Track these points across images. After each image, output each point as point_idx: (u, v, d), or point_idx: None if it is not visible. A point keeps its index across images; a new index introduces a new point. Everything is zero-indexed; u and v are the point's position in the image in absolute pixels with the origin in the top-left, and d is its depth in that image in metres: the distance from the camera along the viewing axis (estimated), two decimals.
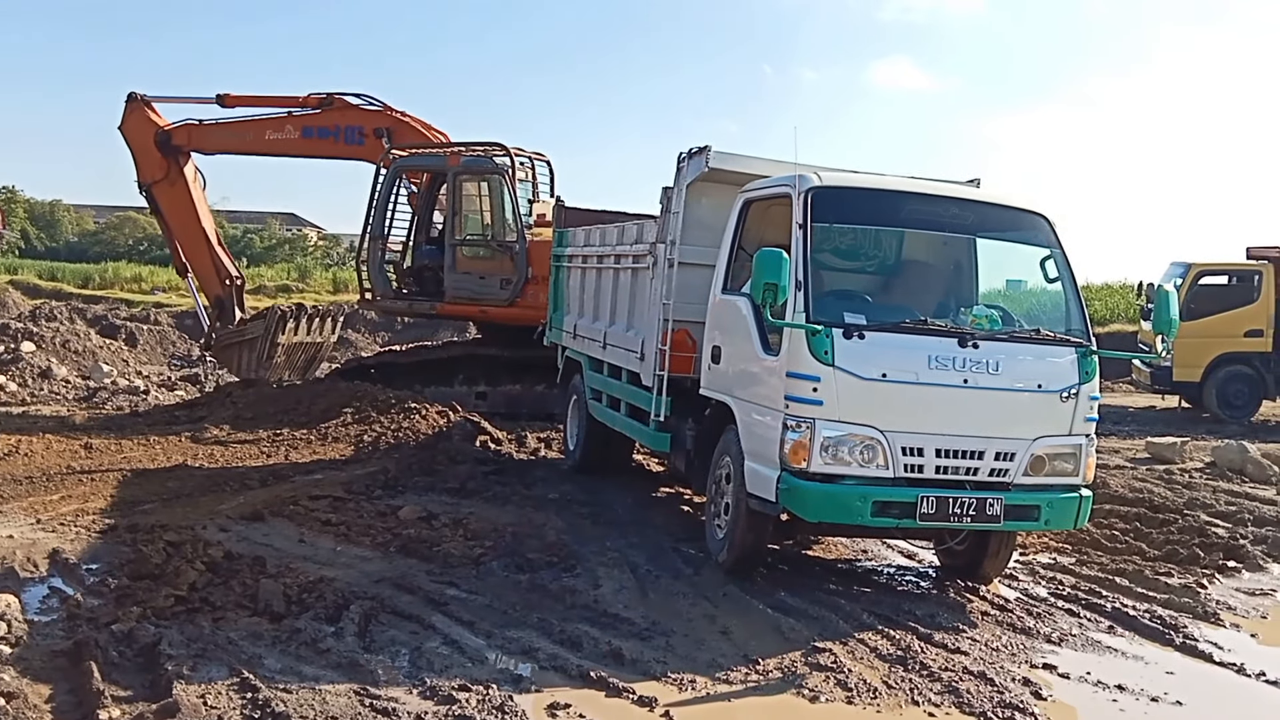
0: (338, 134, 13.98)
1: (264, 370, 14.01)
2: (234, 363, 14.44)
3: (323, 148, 14.24)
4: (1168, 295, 6.31)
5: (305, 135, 14.10)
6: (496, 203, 12.74)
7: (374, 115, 13.94)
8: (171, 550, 5.92)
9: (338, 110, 14.02)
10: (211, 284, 14.74)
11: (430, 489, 8.32)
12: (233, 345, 14.31)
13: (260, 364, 13.96)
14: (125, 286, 32.93)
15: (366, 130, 13.84)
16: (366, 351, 21.65)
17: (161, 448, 9.81)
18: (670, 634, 5.26)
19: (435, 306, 13.20)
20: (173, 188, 14.39)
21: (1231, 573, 7.10)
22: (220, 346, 14.59)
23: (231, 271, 14.87)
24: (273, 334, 13.91)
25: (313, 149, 14.34)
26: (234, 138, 14.40)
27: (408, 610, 5.38)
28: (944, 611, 5.91)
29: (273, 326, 13.88)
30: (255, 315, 14.88)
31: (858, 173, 6.58)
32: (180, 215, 14.56)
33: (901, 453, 5.61)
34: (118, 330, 22.09)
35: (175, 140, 14.17)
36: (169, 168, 14.27)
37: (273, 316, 14.02)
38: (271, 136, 14.27)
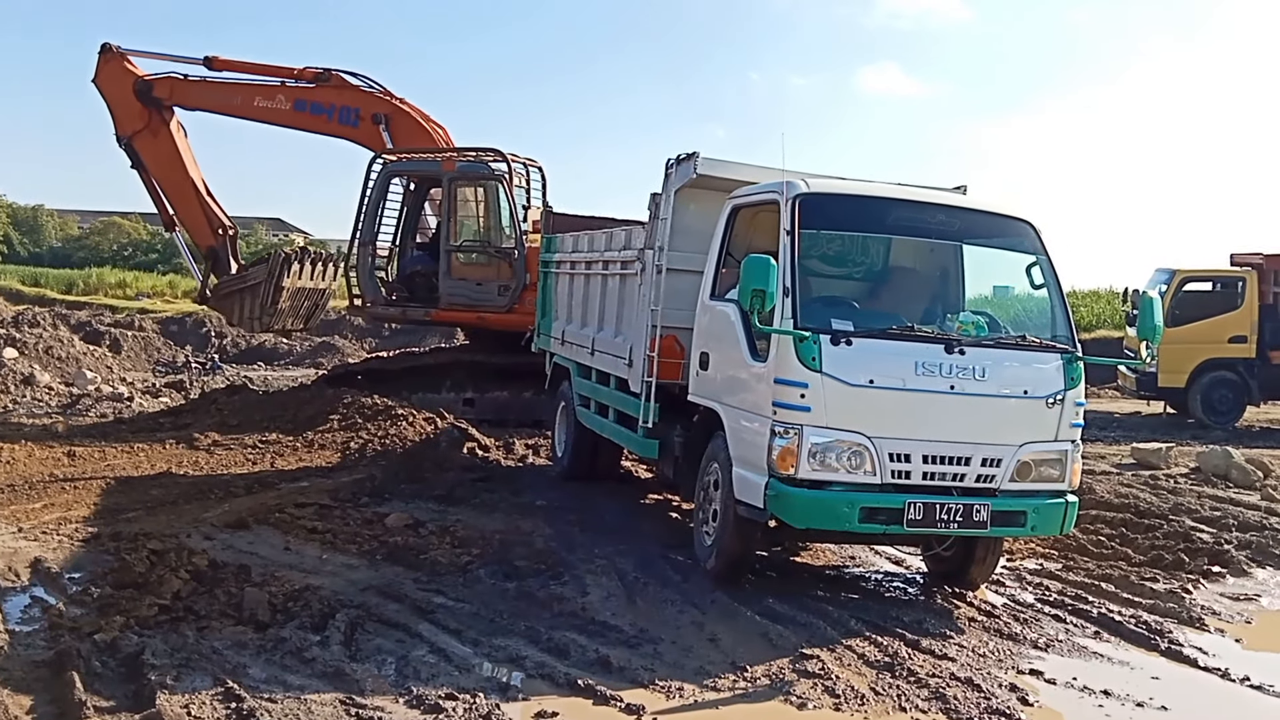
0: (331, 112, 13.65)
1: (267, 318, 13.58)
2: (235, 311, 13.92)
3: (314, 123, 13.85)
4: (1152, 302, 6.34)
5: (297, 108, 13.72)
6: (493, 209, 12.69)
7: (372, 99, 13.62)
8: (155, 559, 5.87)
9: (334, 88, 13.67)
10: (203, 235, 14.15)
11: (417, 496, 8.29)
12: (233, 293, 13.76)
13: (264, 311, 13.50)
14: (109, 292, 32.73)
15: (363, 113, 13.53)
16: (353, 358, 21.55)
17: (146, 455, 9.74)
18: (658, 641, 5.24)
19: (430, 313, 13.05)
20: (155, 138, 13.82)
21: (1216, 578, 7.14)
22: (220, 295, 14.04)
23: (224, 221, 14.25)
24: (277, 277, 13.41)
25: (303, 123, 13.91)
26: (219, 98, 13.91)
27: (394, 618, 5.35)
28: (931, 618, 5.92)
29: (277, 269, 13.38)
30: (256, 260, 14.37)
31: (845, 179, 6.61)
32: (165, 166, 13.99)
33: (889, 459, 5.62)
34: (101, 336, 21.93)
35: (156, 92, 13.68)
36: (150, 117, 13.70)
37: (276, 259, 13.56)
38: (260, 104, 13.85)
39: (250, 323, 13.83)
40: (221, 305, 14.32)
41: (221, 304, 14.26)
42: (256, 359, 23.94)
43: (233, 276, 13.94)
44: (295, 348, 25.00)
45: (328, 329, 26.93)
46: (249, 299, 13.64)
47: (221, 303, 14.21)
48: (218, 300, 14.22)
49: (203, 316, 26.31)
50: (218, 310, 14.92)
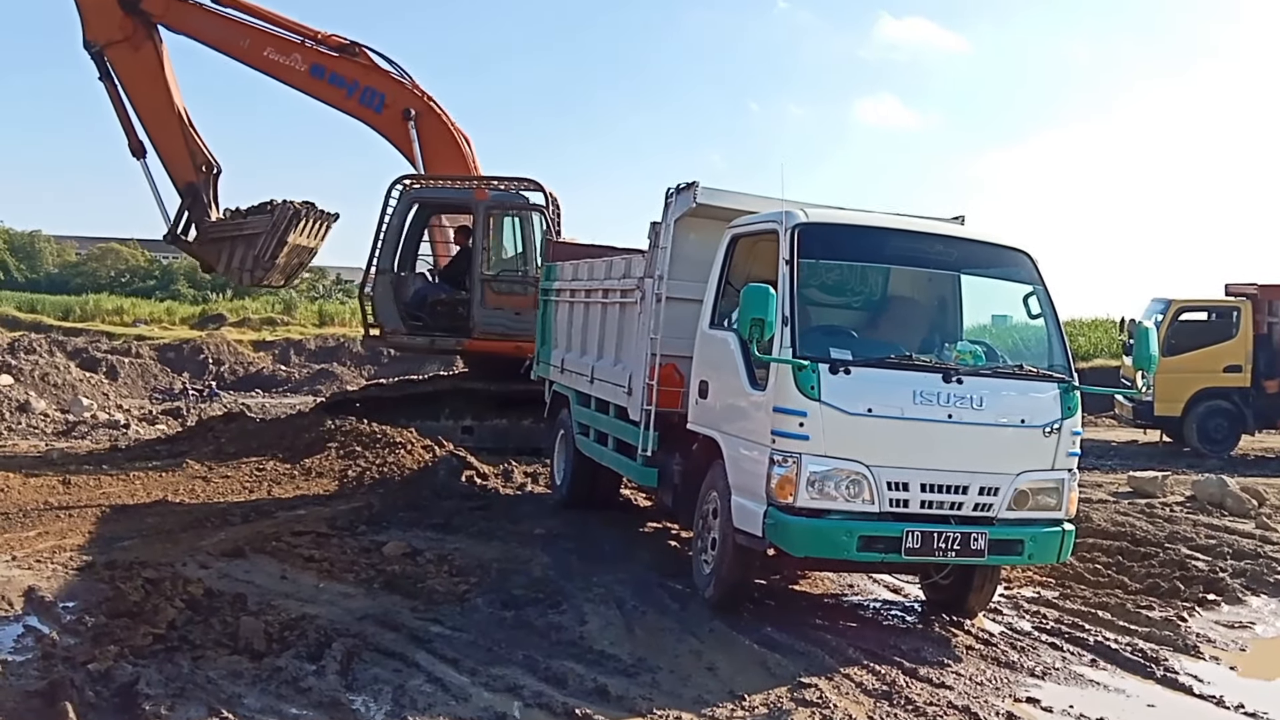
0: (353, 89, 12.78)
1: (261, 271, 12.82)
2: (223, 258, 12.92)
3: (329, 95, 12.94)
4: (1147, 332, 6.39)
5: (314, 73, 12.82)
6: (530, 238, 12.43)
7: (403, 90, 12.90)
8: (150, 588, 5.84)
9: (360, 65, 12.89)
10: (183, 168, 12.89)
11: (415, 524, 8.27)
12: (226, 239, 12.86)
13: (258, 264, 12.72)
14: (106, 319, 32.68)
15: (390, 101, 12.79)
16: (352, 385, 21.54)
17: (141, 483, 9.72)
18: (656, 670, 5.22)
19: (462, 343, 12.57)
20: (136, 53, 12.51)
21: (1211, 606, 7.13)
22: (208, 239, 12.93)
23: (209, 157, 13.06)
24: (282, 231, 12.64)
25: (317, 91, 12.97)
26: (222, 32, 12.74)
27: (391, 648, 5.32)
28: (929, 646, 5.91)
29: (284, 223, 12.60)
30: (253, 208, 13.10)
31: (844, 209, 6.66)
32: (145, 86, 12.69)
33: (887, 487, 5.64)
34: (98, 363, 21.94)
35: (146, 4, 12.42)
36: (133, 30, 12.37)
37: (285, 212, 12.65)
38: (271, 55, 12.85)
39: (238, 273, 12.93)
40: (205, 250, 13.14)
41: (206, 249, 13.09)
42: (254, 386, 23.94)
43: (227, 222, 12.94)
44: (294, 375, 25.02)
45: (326, 356, 26.99)
46: (242, 248, 12.75)
47: (207, 248, 13.06)
48: (202, 244, 13.05)
49: (201, 343, 26.36)
50: (196, 255, 13.56)
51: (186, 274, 48.29)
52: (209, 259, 13.40)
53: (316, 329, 31.67)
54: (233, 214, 13.20)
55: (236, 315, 33.54)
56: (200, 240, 13.12)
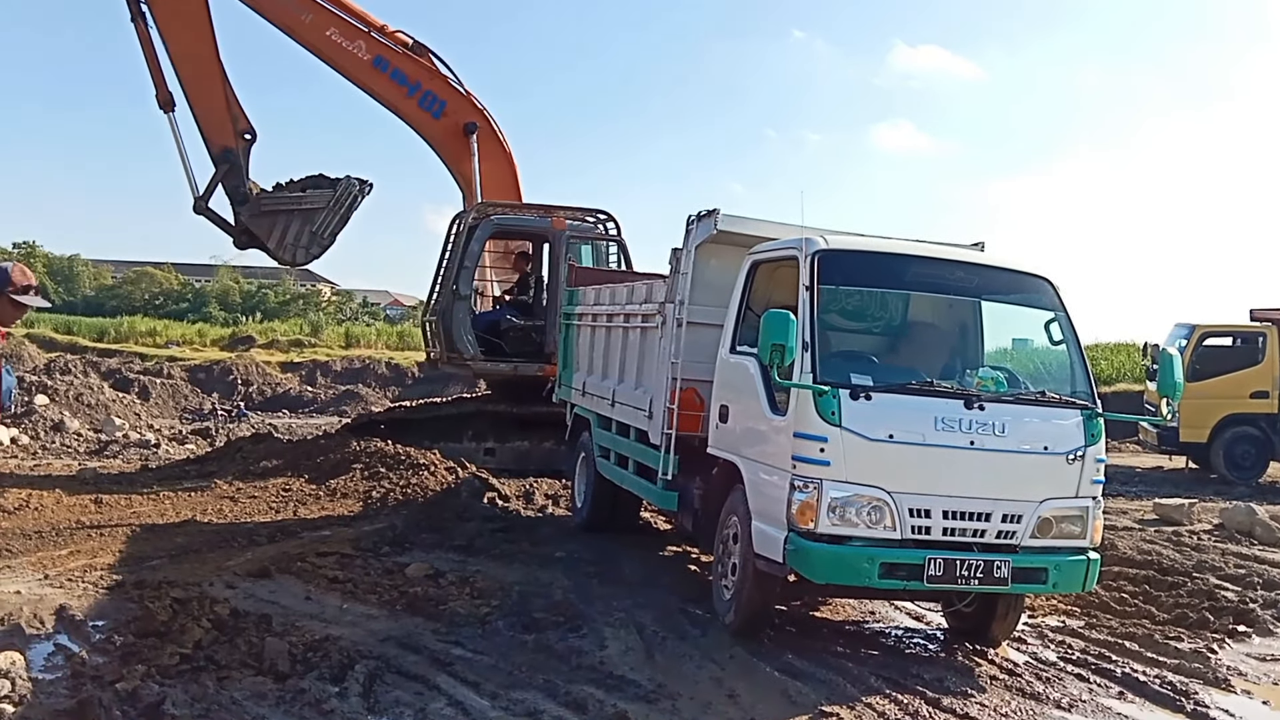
0: (414, 89, 12.27)
1: (317, 248, 12.28)
2: (275, 234, 12.18)
3: (388, 91, 12.35)
4: (1171, 358, 6.35)
5: (377, 64, 12.20)
6: (603, 266, 12.48)
7: (466, 103, 12.60)
8: (178, 607, 5.92)
9: (425, 67, 12.52)
10: (220, 131, 12.03)
11: (438, 546, 8.32)
12: (281, 213, 12.15)
13: (315, 241, 12.12)
14: (140, 340, 33.23)
15: (450, 110, 12.42)
16: (376, 406, 21.72)
17: (171, 502, 9.85)
18: (676, 697, 5.22)
19: (544, 368, 12.15)
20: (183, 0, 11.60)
21: (1242, 637, 7.02)
22: (260, 212, 12.17)
23: (248, 123, 12.25)
24: (346, 208, 12.13)
25: (376, 85, 12.35)
26: (283, 2, 11.90)
27: (413, 670, 5.36)
28: (952, 675, 5.86)
29: (349, 200, 12.10)
30: (309, 178, 12.47)
31: (863, 235, 6.68)
32: (185, 32, 11.69)
33: (908, 514, 5.62)
34: (131, 384, 22.26)
35: None
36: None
37: (349, 188, 12.07)
38: (334, 37, 12.14)
39: (292, 250, 12.21)
40: (258, 223, 12.23)
41: (258, 222, 12.20)
42: (281, 406, 24.19)
43: (284, 195, 12.17)
44: (320, 396, 25.26)
45: (352, 378, 27.25)
46: (299, 224, 12.04)
47: (259, 220, 12.17)
48: (255, 217, 12.18)
49: (230, 364, 26.69)
50: (229, 229, 12.43)
51: (218, 297, 49.11)
52: (261, 232, 12.39)
53: (343, 351, 31.98)
54: (284, 186, 12.38)
55: (265, 337, 33.95)
56: (252, 214, 12.23)
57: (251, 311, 45.95)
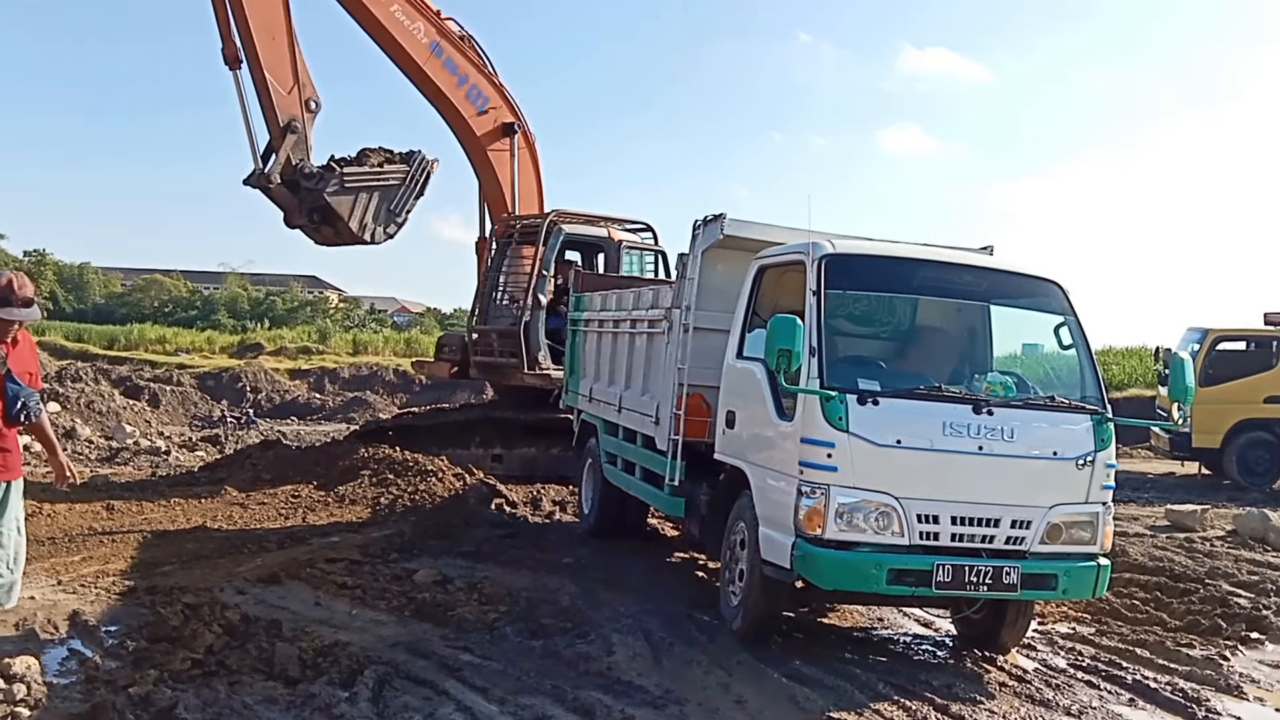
0: (464, 80, 12.07)
1: (394, 226, 11.91)
2: (356, 211, 11.56)
3: (440, 78, 11.94)
4: (1183, 363, 6.32)
5: (434, 50, 11.86)
6: (650, 275, 12.65)
7: (508, 104, 12.46)
8: (189, 613, 5.95)
9: (474, 61, 12.34)
10: (290, 100, 11.37)
11: (446, 552, 8.34)
12: (363, 189, 11.64)
13: (390, 220, 11.76)
14: (150, 348, 33.43)
15: (492, 107, 12.24)
16: (384, 413, 21.78)
17: (181, 509, 9.89)
18: (684, 703, 5.22)
19: None
20: None
21: (1255, 644, 6.98)
22: (343, 188, 11.56)
23: (315, 93, 11.57)
24: (422, 184, 11.81)
25: (430, 70, 11.91)
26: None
27: (421, 676, 5.37)
28: (961, 682, 5.84)
29: (423, 176, 11.77)
30: (381, 156, 11.98)
31: (870, 240, 6.67)
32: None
33: (917, 520, 5.60)
34: (141, 391, 22.41)
35: None
36: None
37: (422, 162, 11.71)
38: (398, 14, 11.75)
39: (371, 229, 11.65)
40: (340, 200, 11.47)
41: (340, 198, 11.45)
42: (290, 413, 24.29)
43: (365, 170, 11.60)
44: (328, 403, 25.34)
45: (359, 384, 27.33)
46: (377, 201, 11.51)
47: (340, 196, 11.44)
48: (336, 193, 11.43)
49: (239, 371, 26.80)
50: (335, 205, 11.55)
51: (226, 304, 49.34)
52: (340, 210, 11.59)
53: (350, 357, 32.08)
54: (344, 161, 11.75)
55: (274, 344, 34.09)
56: (335, 189, 11.45)
57: (259, 318, 46.15)
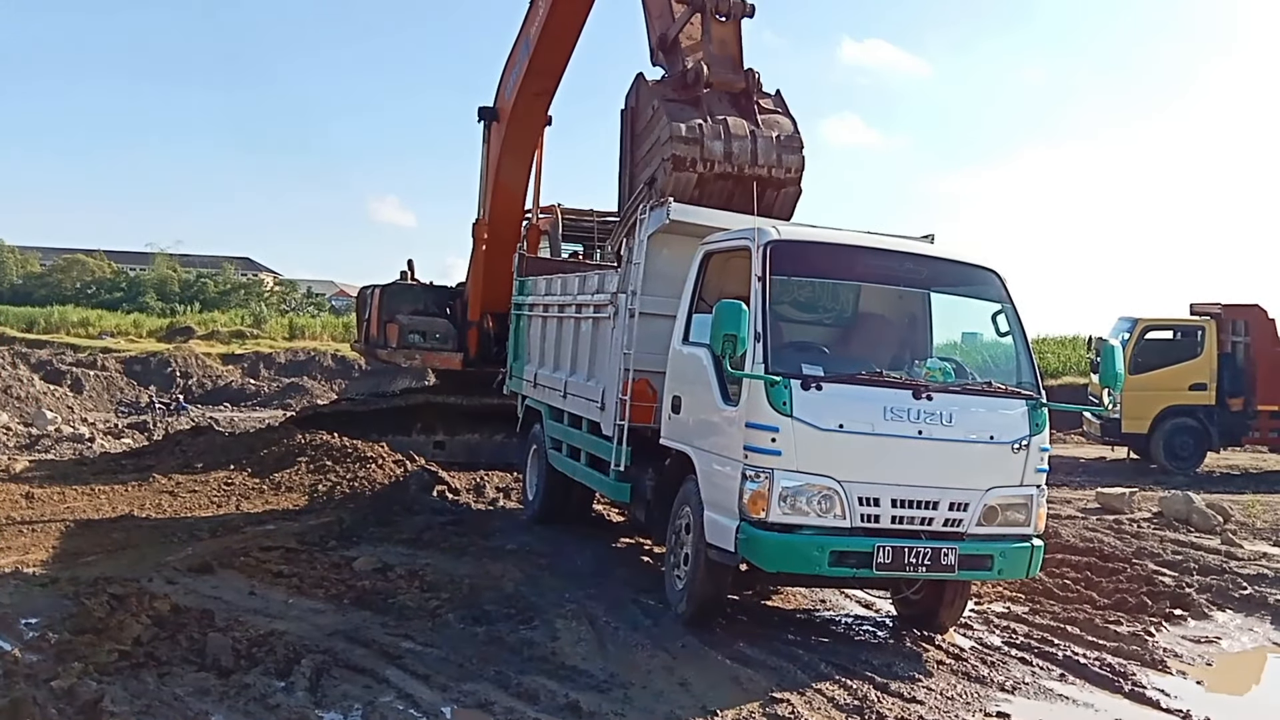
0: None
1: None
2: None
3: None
4: (1113, 350, 6.49)
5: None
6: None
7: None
8: (116, 603, 5.75)
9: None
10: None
11: (386, 540, 8.21)
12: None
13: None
14: (72, 331, 32.28)
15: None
16: (322, 399, 21.39)
17: (107, 497, 9.58)
18: (628, 686, 5.21)
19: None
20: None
21: (1178, 621, 7.23)
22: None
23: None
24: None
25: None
26: None
27: (361, 664, 5.28)
28: (900, 661, 5.94)
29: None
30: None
31: (815, 227, 6.72)
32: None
33: (858, 503, 5.67)
34: (63, 376, 21.68)
35: None
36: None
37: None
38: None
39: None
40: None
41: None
42: (223, 399, 23.72)
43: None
44: (263, 389, 24.80)
45: (296, 370, 26.80)
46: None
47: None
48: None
49: (168, 356, 26.05)
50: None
51: (155, 286, 47.90)
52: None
53: (287, 342, 31.40)
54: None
55: (205, 328, 33.20)
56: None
57: (190, 301, 44.86)
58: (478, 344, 12.90)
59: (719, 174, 7.74)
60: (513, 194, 12.97)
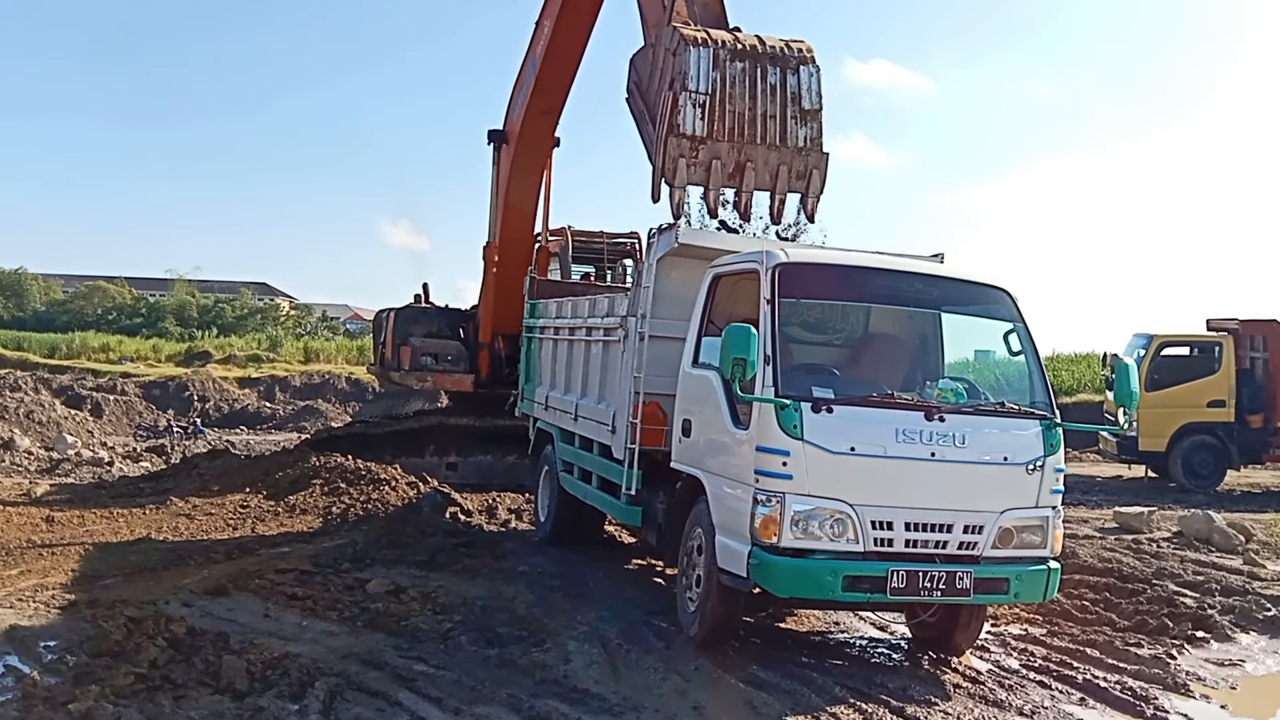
0: None
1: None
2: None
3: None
4: (1127, 368, 6.45)
5: None
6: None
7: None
8: (132, 626, 5.79)
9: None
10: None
11: (399, 562, 8.22)
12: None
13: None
14: (93, 356, 32.57)
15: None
16: (336, 421, 21.49)
17: (125, 520, 9.66)
18: (641, 709, 5.19)
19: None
20: None
21: (1200, 643, 7.14)
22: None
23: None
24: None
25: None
26: None
27: (374, 687, 5.28)
28: (916, 684, 5.89)
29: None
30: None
31: (824, 248, 6.73)
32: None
33: (871, 526, 5.64)
34: (83, 401, 21.84)
35: None
36: None
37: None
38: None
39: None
40: None
41: None
42: (239, 423, 23.84)
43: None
44: (279, 412, 24.93)
45: (311, 393, 26.94)
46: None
47: None
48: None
49: (186, 380, 26.24)
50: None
51: (174, 311, 48.34)
52: None
53: (302, 366, 31.57)
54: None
55: (222, 352, 33.43)
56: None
57: (208, 326, 45.26)
58: (489, 366, 12.98)
59: (734, 51, 7.54)
60: (522, 216, 13.07)
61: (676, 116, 7.33)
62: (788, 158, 7.63)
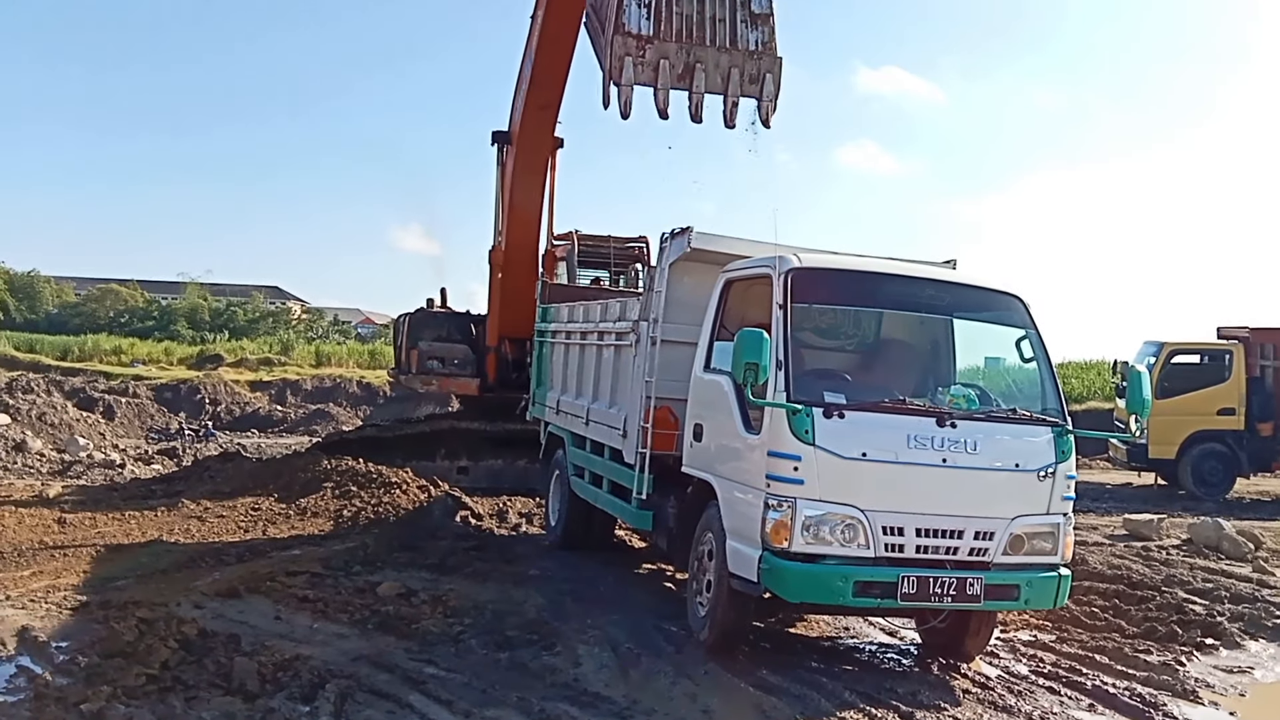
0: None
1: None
2: None
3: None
4: (1140, 375, 6.43)
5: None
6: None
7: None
8: (144, 627, 5.83)
9: None
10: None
11: (410, 565, 8.25)
12: None
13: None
14: (105, 359, 32.69)
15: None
16: (348, 425, 21.55)
17: (137, 522, 9.70)
18: (651, 713, 5.20)
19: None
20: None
21: (1210, 650, 7.11)
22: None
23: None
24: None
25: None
26: None
27: (385, 689, 5.30)
28: (926, 690, 5.89)
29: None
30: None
31: (836, 254, 6.73)
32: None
33: (882, 532, 5.64)
34: (95, 403, 21.94)
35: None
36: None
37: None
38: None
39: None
40: None
41: None
42: (250, 426, 23.92)
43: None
44: (290, 415, 25.01)
45: (323, 396, 27.02)
46: None
47: None
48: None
49: (198, 383, 26.36)
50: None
51: (185, 314, 48.55)
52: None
53: (313, 369, 31.65)
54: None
55: (234, 355, 33.52)
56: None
57: (220, 329, 45.42)
58: (496, 369, 13.00)
59: None
60: (527, 219, 13.06)
61: (622, 16, 7.41)
62: (739, 60, 7.68)
